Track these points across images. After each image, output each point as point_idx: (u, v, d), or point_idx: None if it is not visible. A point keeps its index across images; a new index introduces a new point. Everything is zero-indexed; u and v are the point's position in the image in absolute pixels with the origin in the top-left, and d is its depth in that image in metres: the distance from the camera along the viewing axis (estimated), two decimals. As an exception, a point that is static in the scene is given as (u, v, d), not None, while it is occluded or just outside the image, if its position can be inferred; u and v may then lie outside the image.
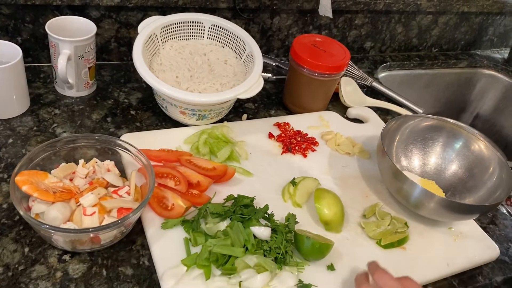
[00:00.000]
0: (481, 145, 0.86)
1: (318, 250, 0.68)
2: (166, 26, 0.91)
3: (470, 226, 0.83)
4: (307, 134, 0.94)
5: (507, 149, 1.44)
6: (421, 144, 0.91)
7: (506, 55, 1.55)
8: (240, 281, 0.63)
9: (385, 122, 1.05)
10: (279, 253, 0.66)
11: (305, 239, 0.67)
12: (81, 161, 0.71)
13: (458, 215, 0.77)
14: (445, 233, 0.80)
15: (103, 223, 0.63)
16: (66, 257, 0.64)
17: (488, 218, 0.89)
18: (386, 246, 0.75)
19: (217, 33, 0.95)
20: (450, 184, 0.88)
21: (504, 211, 0.92)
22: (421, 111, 1.16)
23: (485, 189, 0.83)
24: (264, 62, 1.11)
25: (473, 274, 0.78)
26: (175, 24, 0.92)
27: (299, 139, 0.92)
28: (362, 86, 1.17)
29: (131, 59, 0.83)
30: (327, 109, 1.06)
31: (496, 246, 0.81)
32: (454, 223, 0.82)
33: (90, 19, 0.91)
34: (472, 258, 0.77)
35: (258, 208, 0.72)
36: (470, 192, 0.85)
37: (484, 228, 0.84)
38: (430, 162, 0.91)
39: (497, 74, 1.48)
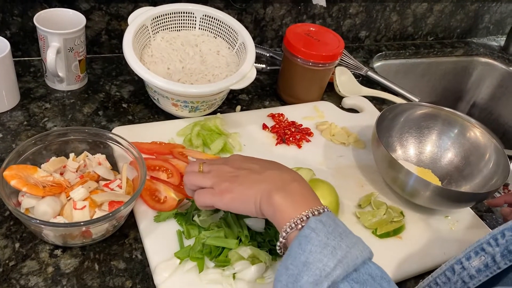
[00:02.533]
0: (477, 133, 0.86)
1: None
2: (157, 17, 0.89)
3: (466, 214, 0.82)
4: (301, 125, 0.93)
5: (505, 137, 1.43)
6: (417, 133, 0.90)
7: (502, 43, 1.53)
8: (234, 273, 0.62)
9: (380, 112, 1.04)
10: (274, 245, 0.65)
11: None
12: (72, 155, 0.70)
13: (455, 203, 0.76)
14: (441, 222, 0.80)
15: (94, 217, 0.62)
16: (58, 252, 0.63)
17: (484, 205, 0.89)
18: (382, 236, 0.74)
19: (209, 24, 0.94)
20: (446, 172, 0.87)
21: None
22: (417, 100, 1.15)
23: (481, 176, 0.82)
24: (257, 53, 1.10)
25: (470, 262, 0.77)
26: (166, 15, 0.90)
27: (293, 130, 0.91)
28: (357, 76, 1.15)
29: (122, 52, 0.82)
30: (322, 99, 1.05)
31: (493, 234, 0.80)
32: (450, 211, 0.82)
33: (80, 11, 0.89)
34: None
35: (252, 199, 0.71)
36: (466, 180, 0.84)
37: (480, 216, 0.84)
38: (425, 150, 0.90)
39: (494, 62, 1.47)
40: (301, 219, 0.51)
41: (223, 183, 0.57)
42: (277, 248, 0.54)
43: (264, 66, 1.10)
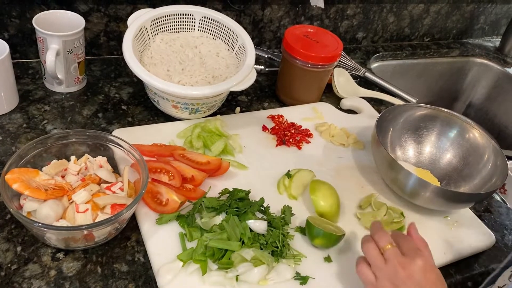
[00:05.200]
0: (476, 134, 0.86)
1: (329, 239, 0.68)
2: (156, 19, 0.89)
3: (465, 215, 0.83)
4: (301, 126, 0.93)
5: (500, 137, 1.44)
6: (416, 134, 0.91)
7: (497, 44, 1.55)
8: (237, 275, 0.62)
9: (379, 113, 1.05)
10: (276, 247, 0.66)
11: (317, 229, 0.67)
12: (73, 158, 0.70)
13: (454, 203, 0.77)
14: (441, 222, 0.80)
15: (97, 220, 0.62)
16: (60, 255, 0.63)
17: (483, 206, 0.89)
18: (382, 237, 0.74)
19: (208, 25, 0.94)
20: (445, 173, 0.88)
21: (499, 199, 0.92)
22: (414, 100, 1.15)
23: (480, 177, 0.83)
24: (256, 54, 1.10)
25: (470, 262, 0.78)
26: (165, 16, 0.90)
27: (293, 131, 0.91)
28: (355, 77, 1.16)
29: (121, 54, 0.81)
30: (321, 100, 1.05)
31: (492, 233, 0.81)
32: (450, 212, 0.82)
33: (78, 13, 0.89)
34: (468, 246, 0.78)
35: (253, 201, 0.71)
36: (465, 181, 0.85)
37: (479, 216, 0.85)
38: (425, 151, 0.90)
39: (489, 63, 1.48)
40: None
41: (385, 284, 0.58)
42: None
43: (262, 67, 1.11)
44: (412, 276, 0.57)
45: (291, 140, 0.89)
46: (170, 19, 0.91)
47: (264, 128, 0.91)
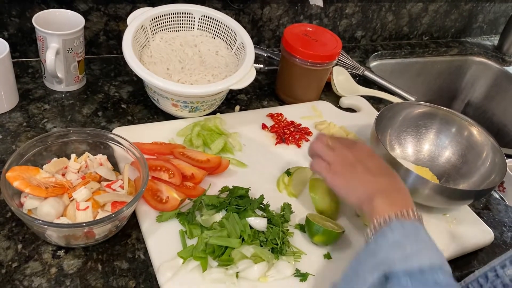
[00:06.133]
0: (474, 131, 0.87)
1: (329, 236, 0.68)
2: (156, 18, 0.90)
3: (464, 212, 0.84)
4: (300, 124, 0.94)
5: (499, 135, 1.44)
6: (415, 132, 0.91)
7: (496, 42, 1.55)
8: (237, 272, 0.62)
9: (378, 111, 1.05)
10: (276, 244, 0.66)
11: (316, 226, 0.67)
12: (73, 156, 0.70)
13: (453, 201, 0.77)
14: (440, 219, 0.81)
15: (97, 218, 0.62)
16: (61, 252, 0.63)
17: (482, 203, 0.90)
18: (382, 234, 0.75)
19: (207, 24, 0.94)
20: (444, 170, 0.88)
21: (498, 196, 0.93)
22: (413, 99, 1.16)
23: (478, 174, 0.83)
24: (255, 53, 1.10)
25: (469, 259, 0.78)
26: (164, 15, 0.91)
27: (292, 129, 0.91)
28: (354, 75, 1.16)
29: (121, 52, 0.82)
30: (320, 99, 1.05)
31: (491, 230, 0.81)
32: (449, 209, 0.83)
33: (78, 12, 0.89)
34: (467, 243, 0.78)
35: (253, 198, 0.72)
36: (464, 178, 0.85)
37: (478, 214, 0.85)
38: (423, 149, 0.91)
39: (488, 61, 1.49)
40: (388, 218, 0.55)
41: (340, 167, 0.65)
42: (366, 238, 0.58)
43: (262, 66, 1.11)
44: (360, 157, 0.65)
45: (290, 138, 0.89)
46: (169, 18, 0.91)
47: (264, 126, 0.91)
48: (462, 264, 0.77)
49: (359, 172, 0.64)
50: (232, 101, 0.99)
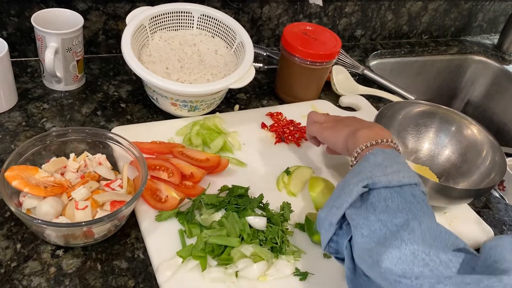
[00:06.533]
0: (474, 130, 0.86)
1: None
2: (155, 17, 0.89)
3: (464, 211, 0.83)
4: (300, 123, 0.93)
5: (499, 134, 1.44)
6: (414, 131, 0.91)
7: (495, 41, 1.55)
8: (237, 271, 0.62)
9: (378, 110, 1.05)
10: (275, 243, 0.66)
11: (316, 224, 0.67)
12: (72, 155, 0.70)
13: (453, 199, 0.77)
14: (440, 218, 0.80)
15: (96, 217, 0.62)
16: (60, 252, 0.63)
17: (482, 202, 0.90)
18: (381, 233, 0.75)
19: (206, 23, 0.94)
20: (443, 169, 0.88)
21: (497, 195, 0.93)
22: (413, 98, 1.16)
23: (478, 173, 0.83)
24: (255, 52, 1.10)
25: (468, 258, 0.78)
26: (163, 14, 0.90)
27: (292, 128, 0.91)
28: (353, 74, 1.16)
29: (120, 52, 0.82)
30: (320, 98, 1.05)
31: (491, 229, 0.81)
32: (448, 207, 0.83)
33: (77, 12, 0.89)
34: (467, 242, 0.77)
35: (252, 197, 0.71)
36: (463, 177, 0.85)
37: (478, 212, 0.85)
38: (423, 148, 0.91)
39: (487, 60, 1.49)
40: (373, 143, 0.61)
41: (329, 123, 0.73)
42: (350, 164, 0.63)
43: (261, 65, 1.11)
44: (350, 117, 0.73)
45: (290, 137, 0.89)
46: (168, 17, 0.91)
47: (263, 125, 0.91)
48: (462, 263, 0.76)
49: (347, 120, 0.72)
50: (232, 100, 0.99)
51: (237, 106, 0.97)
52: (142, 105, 0.92)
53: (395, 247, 0.47)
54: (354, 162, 0.62)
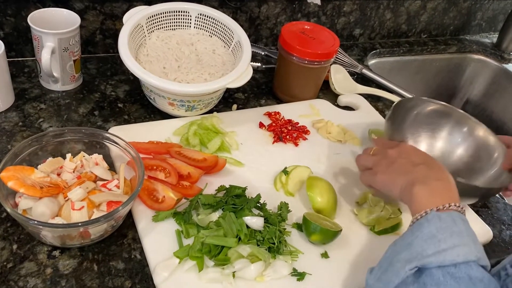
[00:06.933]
0: (486, 132, 0.88)
1: (326, 235, 0.68)
2: (152, 16, 0.89)
3: (463, 210, 0.83)
4: (298, 123, 0.93)
5: (498, 133, 1.43)
6: (428, 129, 0.91)
7: (494, 40, 1.54)
8: (234, 272, 0.62)
9: (376, 109, 1.05)
10: (273, 244, 0.65)
11: (313, 224, 0.67)
12: (69, 155, 0.70)
13: (465, 198, 0.77)
14: (438, 218, 0.80)
15: (92, 217, 0.62)
16: (56, 253, 0.63)
17: (480, 202, 0.89)
18: (379, 233, 0.74)
19: (204, 23, 0.94)
20: (456, 168, 0.88)
21: (497, 195, 0.92)
22: (411, 97, 1.15)
23: (489, 174, 0.83)
24: (253, 52, 1.09)
25: (467, 257, 0.78)
26: (161, 14, 0.90)
27: (290, 128, 0.91)
28: (352, 74, 1.16)
29: (117, 51, 0.81)
30: (318, 97, 1.05)
31: (489, 229, 0.81)
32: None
33: (74, 11, 0.89)
34: (466, 241, 0.77)
35: (250, 198, 0.71)
36: (475, 176, 0.85)
37: (477, 212, 0.84)
38: (436, 146, 0.91)
39: (486, 59, 1.48)
40: (432, 210, 0.55)
41: (381, 166, 0.66)
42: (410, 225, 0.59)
43: (259, 64, 1.10)
44: (402, 152, 0.66)
45: (288, 137, 0.89)
46: (166, 16, 0.91)
47: (261, 125, 0.91)
48: (460, 262, 0.76)
49: (400, 164, 0.64)
50: (230, 99, 0.99)
51: (235, 106, 0.96)
52: (140, 105, 0.91)
53: None
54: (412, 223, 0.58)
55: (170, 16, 0.91)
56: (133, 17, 0.86)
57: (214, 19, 0.93)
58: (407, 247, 0.54)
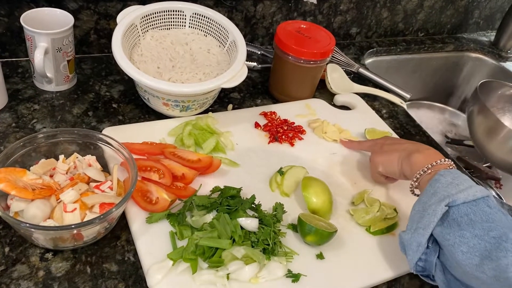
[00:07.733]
0: None
1: (321, 236, 0.67)
2: (146, 16, 0.88)
3: (459, 210, 0.83)
4: (294, 123, 0.93)
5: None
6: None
7: (492, 38, 1.54)
8: (228, 273, 0.62)
9: (373, 109, 1.04)
10: (267, 245, 0.65)
11: (308, 225, 0.67)
12: (61, 157, 0.69)
13: None
14: (434, 218, 0.80)
15: (85, 219, 0.61)
16: (49, 255, 0.62)
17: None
18: (375, 233, 0.74)
19: (199, 22, 0.93)
20: None
21: (494, 194, 0.92)
22: (408, 96, 1.15)
23: None
24: (248, 51, 1.09)
25: (464, 257, 0.77)
26: (155, 13, 0.89)
27: (286, 128, 0.90)
28: (348, 73, 1.15)
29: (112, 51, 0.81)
30: (314, 96, 1.04)
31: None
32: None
33: (68, 11, 0.88)
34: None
35: (245, 198, 0.71)
36: None
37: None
38: None
39: (484, 57, 1.48)
40: (431, 165, 0.67)
41: (376, 147, 0.81)
42: (409, 188, 0.71)
43: (255, 64, 1.10)
44: (386, 139, 0.82)
45: (283, 137, 0.88)
46: (160, 16, 0.90)
47: (257, 125, 0.90)
48: (457, 262, 0.76)
49: (389, 145, 0.78)
50: (225, 99, 0.98)
51: (230, 106, 0.96)
52: (134, 105, 0.91)
53: (502, 257, 0.53)
54: (416, 184, 0.69)
55: (164, 15, 0.91)
56: (127, 16, 0.85)
57: (209, 18, 0.92)
58: (433, 195, 0.62)
